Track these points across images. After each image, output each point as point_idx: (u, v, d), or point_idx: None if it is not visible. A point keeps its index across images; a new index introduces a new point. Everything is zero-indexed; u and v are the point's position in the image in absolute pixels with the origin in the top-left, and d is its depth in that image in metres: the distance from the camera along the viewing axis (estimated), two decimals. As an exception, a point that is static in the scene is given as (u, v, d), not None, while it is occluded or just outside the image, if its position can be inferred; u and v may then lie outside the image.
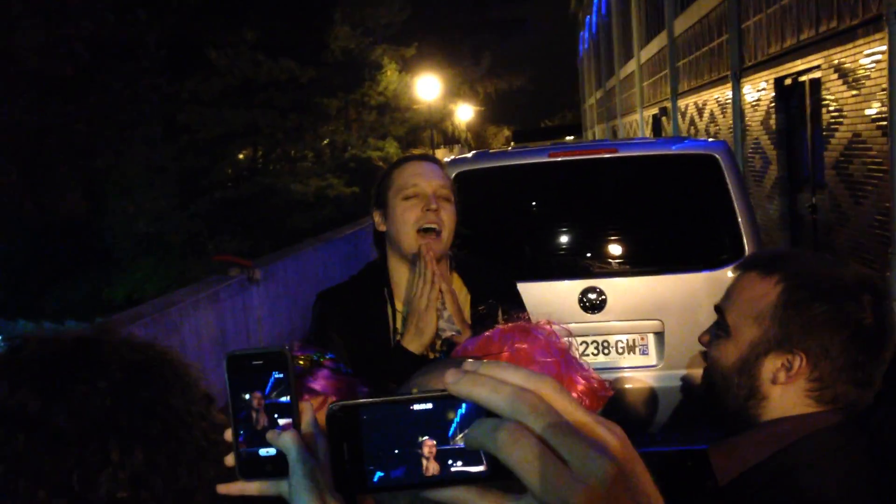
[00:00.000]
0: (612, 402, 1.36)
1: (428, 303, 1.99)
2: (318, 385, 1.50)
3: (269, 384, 0.84)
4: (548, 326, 1.44)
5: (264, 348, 0.86)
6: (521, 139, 49.28)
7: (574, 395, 1.27)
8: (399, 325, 2.14)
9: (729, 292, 1.48)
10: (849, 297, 1.35)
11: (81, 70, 16.99)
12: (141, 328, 5.65)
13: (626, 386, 4.13)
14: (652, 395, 4.14)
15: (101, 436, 0.87)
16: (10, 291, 30.95)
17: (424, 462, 0.61)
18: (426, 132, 28.37)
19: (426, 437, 0.61)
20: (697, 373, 4.07)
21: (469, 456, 0.60)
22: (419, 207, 2.09)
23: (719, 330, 1.47)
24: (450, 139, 35.61)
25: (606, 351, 4.18)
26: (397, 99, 25.21)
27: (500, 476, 0.57)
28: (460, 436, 0.60)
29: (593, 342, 4.19)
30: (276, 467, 0.83)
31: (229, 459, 0.85)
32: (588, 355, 4.18)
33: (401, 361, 1.94)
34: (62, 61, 16.33)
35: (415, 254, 2.07)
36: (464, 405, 0.60)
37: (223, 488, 0.87)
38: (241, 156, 25.68)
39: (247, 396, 0.84)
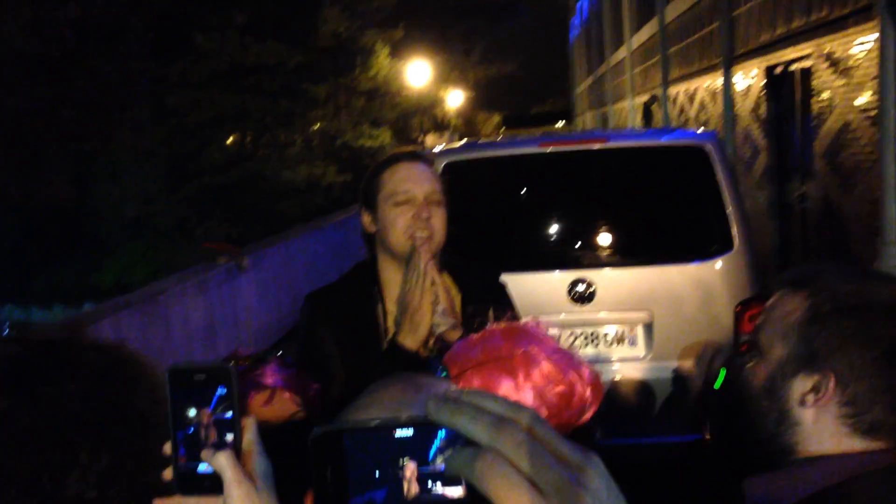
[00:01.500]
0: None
1: (422, 295, 1.97)
2: (269, 380, 1.50)
3: (214, 400, 0.84)
4: (539, 324, 1.44)
5: (210, 363, 0.86)
6: (512, 125, 49.25)
7: (580, 388, 1.29)
8: (391, 324, 2.11)
9: (764, 311, 1.42)
10: (882, 312, 1.27)
11: (68, 53, 16.82)
12: (129, 316, 5.62)
13: (615, 377, 4.13)
14: (641, 387, 4.15)
15: (69, 437, 0.87)
16: (-2, 276, 30.79)
17: (406, 485, 0.62)
18: (416, 118, 28.28)
19: (407, 460, 0.62)
20: (686, 364, 4.10)
21: (448, 479, 0.62)
22: (410, 214, 2.07)
23: (752, 347, 1.41)
24: (440, 125, 35.51)
25: (595, 342, 4.18)
26: (387, 84, 25.10)
27: (478, 501, 0.58)
28: (440, 458, 0.62)
29: (582, 333, 4.19)
30: (215, 484, 0.83)
31: (167, 473, 0.86)
32: (577, 346, 4.18)
33: (396, 359, 1.92)
34: (48, 44, 16.16)
35: (407, 255, 2.06)
36: (439, 428, 0.62)
37: (160, 502, 0.87)
38: (229, 141, 25.54)
39: (192, 412, 0.84)
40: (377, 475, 0.63)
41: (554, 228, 4.46)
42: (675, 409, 4.14)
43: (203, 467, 0.84)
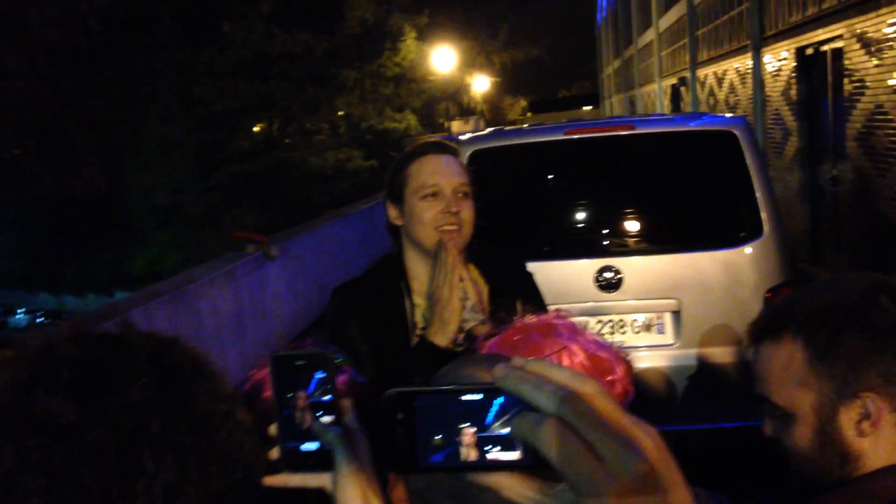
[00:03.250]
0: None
1: (451, 291, 1.94)
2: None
3: (313, 383, 0.89)
4: (567, 316, 1.44)
5: (307, 350, 0.91)
6: (538, 110, 48.98)
7: (619, 380, 1.29)
8: (418, 319, 2.10)
9: (758, 375, 1.34)
10: (868, 308, 1.24)
11: (96, 44, 16.96)
12: (160, 306, 5.68)
13: (643, 365, 4.11)
14: (669, 375, 4.12)
15: (136, 446, 0.86)
16: (31, 264, 31.30)
17: (464, 450, 0.65)
18: (442, 104, 28.21)
19: (467, 425, 0.65)
20: (714, 351, 4.08)
21: (505, 443, 0.65)
22: (438, 208, 2.04)
23: (777, 419, 1.32)
24: (465, 111, 35.39)
25: (623, 330, 4.16)
26: (413, 70, 25.05)
27: (537, 465, 0.62)
28: (497, 423, 0.65)
29: (609, 321, 4.17)
30: (318, 461, 0.89)
31: (274, 453, 0.90)
32: (604, 334, 4.16)
33: (425, 355, 1.90)
34: (76, 36, 16.30)
35: (434, 249, 2.03)
36: (502, 396, 0.65)
37: (269, 480, 0.91)
38: (256, 129, 25.67)
39: (290, 395, 0.89)
40: (439, 438, 0.66)
41: (581, 216, 4.43)
42: (703, 398, 4.11)
43: (306, 446, 0.89)
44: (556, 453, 0.58)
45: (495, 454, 0.65)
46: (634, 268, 4.12)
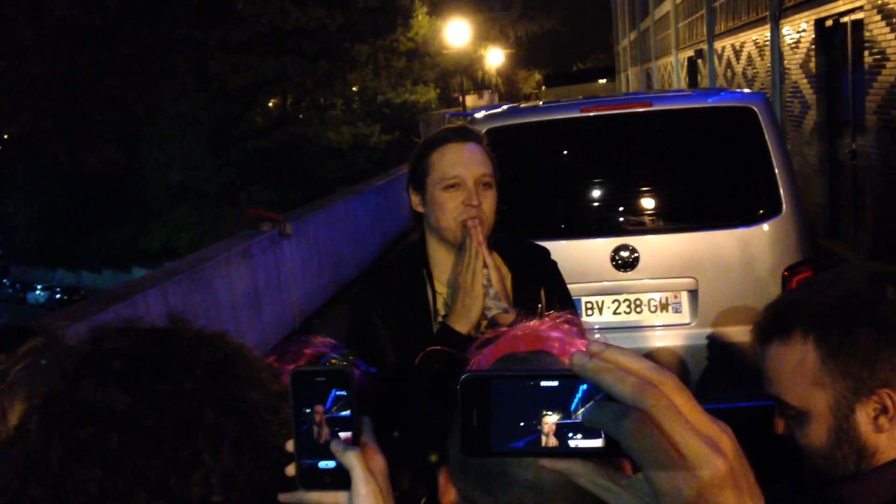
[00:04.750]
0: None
1: (474, 277, 1.93)
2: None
3: (330, 399, 0.88)
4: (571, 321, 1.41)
5: (329, 366, 0.92)
6: (553, 83, 48.60)
7: None
8: (440, 307, 2.09)
9: (768, 376, 1.32)
10: (876, 302, 1.21)
11: (111, 21, 16.96)
12: (176, 285, 5.71)
13: (659, 344, 4.09)
14: (686, 354, 4.10)
15: (191, 436, 0.85)
16: (49, 241, 31.57)
17: (544, 437, 0.65)
18: (456, 78, 28.04)
19: (549, 412, 0.65)
20: (731, 330, 4.05)
21: (587, 431, 0.64)
22: (460, 199, 2.02)
23: (790, 418, 1.31)
24: (480, 85, 35.18)
25: (639, 309, 4.14)
26: (427, 45, 24.90)
27: (615, 454, 0.63)
28: (581, 410, 0.64)
29: (625, 301, 4.15)
30: (335, 479, 0.87)
31: (290, 469, 0.89)
32: (620, 314, 4.15)
33: (447, 342, 1.88)
34: (91, 13, 16.29)
35: (456, 239, 2.02)
36: (584, 383, 0.64)
37: (284, 497, 0.90)
38: (270, 104, 25.65)
39: (307, 410, 0.88)
40: (519, 424, 0.65)
41: (597, 194, 4.40)
42: (720, 377, 4.09)
43: (323, 463, 0.88)
44: (637, 447, 0.58)
45: (577, 441, 0.65)
46: (651, 246, 4.09)
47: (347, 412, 0.88)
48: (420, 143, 2.16)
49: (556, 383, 0.65)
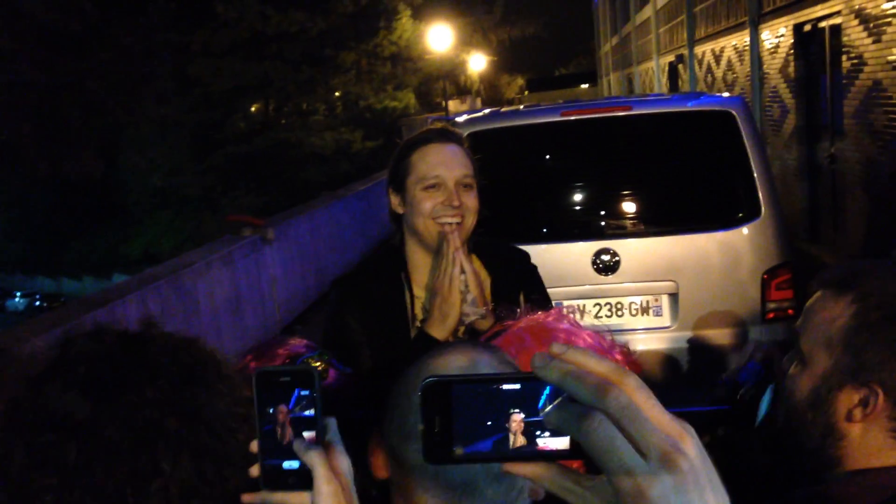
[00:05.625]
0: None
1: (451, 284, 1.90)
2: (333, 385, 1.49)
3: (293, 398, 0.87)
4: (563, 312, 1.42)
5: (293, 366, 0.88)
6: (536, 88, 48.75)
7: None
8: (418, 311, 2.06)
9: (804, 313, 1.33)
10: None
11: (90, 26, 16.83)
12: (155, 291, 5.67)
13: (640, 347, 4.10)
14: (666, 357, 4.12)
15: (151, 446, 0.85)
16: (29, 248, 31.28)
17: (512, 436, 0.64)
18: (439, 83, 28.06)
19: (515, 411, 0.64)
20: (712, 333, 4.06)
21: (555, 430, 0.64)
22: (440, 200, 1.99)
23: (796, 356, 1.32)
24: (462, 90, 35.23)
25: (620, 313, 4.15)
26: (409, 49, 24.92)
27: (579, 455, 0.62)
28: (549, 407, 0.63)
29: (606, 304, 4.16)
30: (299, 480, 0.86)
31: (254, 470, 0.88)
32: (601, 317, 4.15)
33: (424, 348, 1.88)
34: (70, 17, 16.17)
35: (435, 241, 2.00)
36: (547, 385, 0.64)
37: (248, 497, 0.89)
38: (252, 109, 25.56)
39: (271, 410, 0.87)
40: (485, 426, 0.65)
41: (578, 198, 4.41)
42: (701, 380, 4.11)
43: (287, 464, 0.87)
44: (598, 447, 0.58)
45: (546, 440, 0.64)
46: (631, 250, 4.10)
47: (311, 412, 0.87)
48: (401, 144, 2.13)
49: (517, 386, 0.65)
